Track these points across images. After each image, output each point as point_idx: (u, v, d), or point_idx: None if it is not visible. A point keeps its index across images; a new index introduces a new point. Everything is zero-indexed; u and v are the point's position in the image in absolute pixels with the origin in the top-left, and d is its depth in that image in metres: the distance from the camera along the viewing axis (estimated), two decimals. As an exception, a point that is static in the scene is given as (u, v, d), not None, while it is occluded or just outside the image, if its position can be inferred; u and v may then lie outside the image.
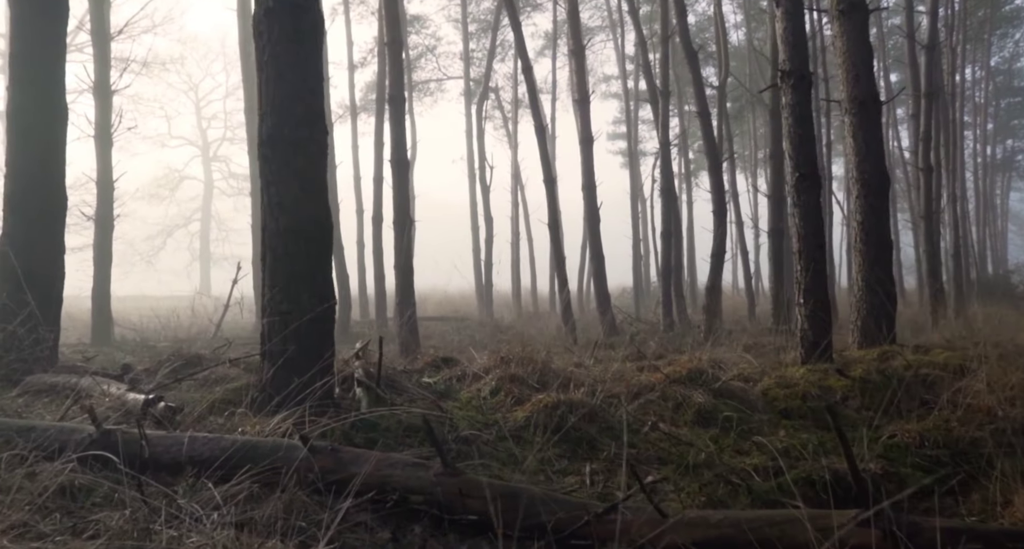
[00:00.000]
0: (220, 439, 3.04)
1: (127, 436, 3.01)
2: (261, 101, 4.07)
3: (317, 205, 4.09)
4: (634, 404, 4.44)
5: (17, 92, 5.48)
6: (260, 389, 4.03)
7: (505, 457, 3.80)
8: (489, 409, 4.44)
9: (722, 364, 5.24)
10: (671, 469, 3.63)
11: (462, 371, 5.22)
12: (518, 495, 2.94)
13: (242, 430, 3.38)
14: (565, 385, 4.59)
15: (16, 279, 5.22)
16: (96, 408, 3.85)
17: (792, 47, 5.20)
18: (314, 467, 2.94)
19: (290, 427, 3.26)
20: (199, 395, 4.60)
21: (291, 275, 4.01)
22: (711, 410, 4.22)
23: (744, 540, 2.59)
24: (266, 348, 4.05)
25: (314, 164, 4.08)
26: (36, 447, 2.82)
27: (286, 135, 3.98)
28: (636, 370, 5.61)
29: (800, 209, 5.18)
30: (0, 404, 4.28)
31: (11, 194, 5.42)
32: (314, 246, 4.07)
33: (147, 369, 5.94)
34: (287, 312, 3.98)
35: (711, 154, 12.22)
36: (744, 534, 2.64)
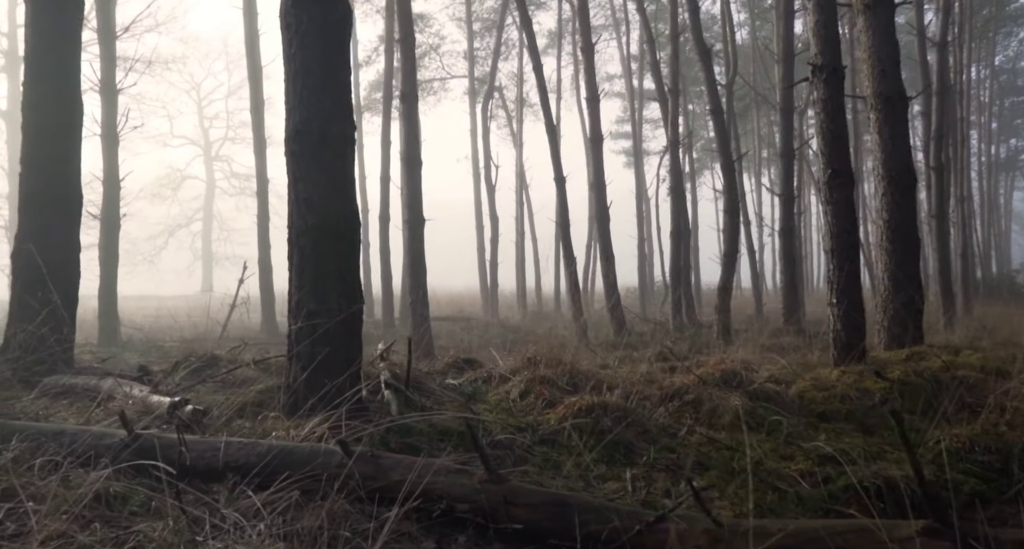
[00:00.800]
0: (255, 444, 2.93)
1: (160, 441, 2.90)
2: (288, 95, 3.95)
3: (345, 202, 3.98)
4: (668, 406, 4.34)
5: (33, 87, 5.37)
6: (288, 392, 3.92)
7: (541, 462, 3.69)
8: (519, 412, 4.34)
9: (751, 365, 5.13)
10: (714, 475, 3.52)
11: (487, 373, 5.11)
12: (565, 503, 2.84)
13: (276, 435, 3.27)
14: (597, 387, 4.49)
15: (33, 278, 5.11)
16: (118, 411, 3.75)
17: (824, 40, 5.08)
18: (355, 474, 2.83)
19: (325, 432, 3.15)
20: (222, 397, 4.49)
21: (319, 275, 3.90)
22: (749, 413, 4.11)
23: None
24: (294, 349, 3.93)
25: (343, 160, 3.97)
26: (69, 453, 2.71)
27: (315, 130, 3.87)
28: (662, 371, 5.51)
29: (832, 206, 5.07)
30: (21, 406, 4.17)
31: (29, 192, 5.31)
32: (343, 244, 3.96)
33: (164, 370, 5.83)
34: (315, 312, 3.87)
35: (724, 152, 12.11)
36: (806, 545, 2.54)
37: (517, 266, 26.15)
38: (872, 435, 4.02)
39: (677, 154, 15.47)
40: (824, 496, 3.20)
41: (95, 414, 3.84)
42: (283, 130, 4.03)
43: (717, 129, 12.30)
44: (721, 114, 12.19)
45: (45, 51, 5.43)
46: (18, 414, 3.98)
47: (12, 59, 27.05)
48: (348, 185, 4.00)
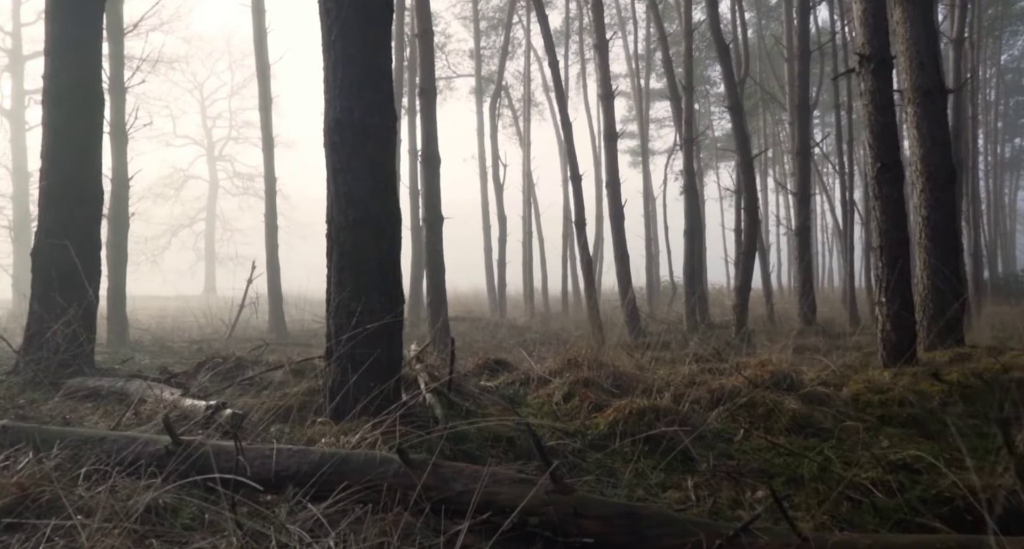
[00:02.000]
0: (308, 452, 2.75)
1: (205, 448, 2.73)
2: (328, 84, 3.78)
3: (388, 196, 3.81)
4: (719, 410, 4.17)
5: (53, 79, 5.19)
6: (326, 395, 3.75)
7: (595, 469, 3.52)
8: (565, 416, 4.17)
9: (796, 367, 4.96)
10: (780, 483, 3.35)
11: (524, 375, 4.94)
12: (637, 515, 2.66)
13: (325, 441, 3.10)
14: (644, 390, 4.31)
15: (52, 278, 4.93)
16: (151, 415, 3.58)
17: (872, 30, 4.90)
18: (415, 484, 2.66)
19: (377, 438, 2.98)
20: (255, 401, 4.32)
21: (361, 273, 3.73)
22: (805, 417, 3.94)
23: (906, 568, 2.32)
24: (334, 351, 3.76)
25: (385, 152, 3.79)
26: (118, 462, 2.54)
27: (356, 121, 3.70)
28: (702, 373, 5.33)
29: (881, 202, 4.90)
30: (48, 409, 4.00)
31: (49, 188, 5.14)
32: (385, 241, 3.79)
33: (186, 372, 5.67)
34: (356, 312, 3.70)
35: (743, 150, 11.94)
36: (904, 561, 2.37)
37: (524, 266, 25.97)
38: (935, 440, 3.85)
39: (691, 152, 15.31)
40: (902, 506, 3.02)
41: (127, 418, 3.66)
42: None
43: (735, 126, 12.12)
44: (740, 111, 12.02)
45: (66, 42, 5.26)
46: (45, 417, 3.81)
47: (16, 58, 26.88)
48: (390, 178, 3.83)
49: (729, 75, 11.90)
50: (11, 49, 27.02)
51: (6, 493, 2.19)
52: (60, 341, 4.70)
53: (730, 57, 12.12)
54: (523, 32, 28.25)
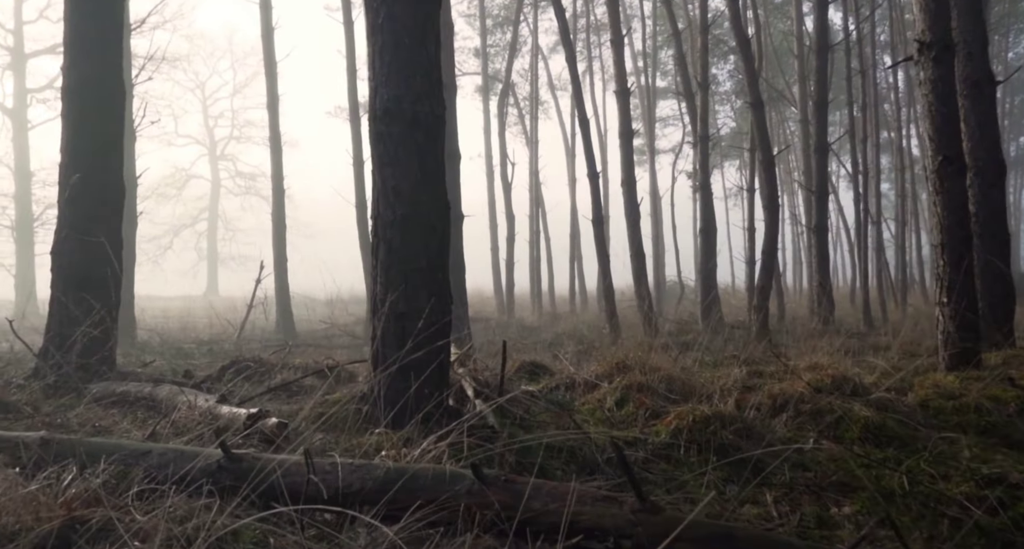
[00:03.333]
0: (372, 467, 2.52)
1: (260, 463, 2.50)
2: (374, 71, 3.55)
3: (437, 190, 3.58)
4: (782, 417, 3.94)
5: (73, 70, 4.96)
6: (374, 403, 3.52)
7: (662, 481, 3.29)
8: (620, 423, 3.94)
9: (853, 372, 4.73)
10: (864, 497, 3.12)
11: (569, 379, 4.71)
12: (733, 536, 2.43)
13: (385, 454, 2.87)
14: (702, 396, 4.09)
15: (74, 277, 4.71)
16: (186, 423, 3.35)
17: (933, 15, 4.67)
18: (490, 503, 2.43)
19: (443, 451, 2.74)
20: (289, 407, 4.09)
21: (409, 271, 3.50)
22: (879, 425, 3.71)
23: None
24: (379, 355, 3.54)
25: (435, 143, 3.57)
26: (168, 479, 2.31)
27: (405, 110, 3.47)
28: (750, 376, 5.11)
29: (943, 197, 4.67)
30: (76, 416, 3.77)
31: (69, 183, 4.90)
32: (434, 238, 3.56)
33: (210, 376, 5.44)
34: (404, 313, 3.48)
35: (764, 147, 11.71)
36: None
37: (531, 266, 25.75)
38: (1020, 450, 3.62)
39: (707, 149, 15.10)
40: (1008, 525, 2.80)
41: (162, 427, 3.43)
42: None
43: (757, 122, 11.90)
44: (762, 107, 11.79)
45: (86, 29, 5.03)
46: (74, 426, 3.58)
47: (18, 56, 26.63)
48: (440, 171, 3.60)
49: (750, 69, 11.68)
50: (13, 47, 26.77)
51: (53, 516, 1.96)
52: (84, 344, 4.47)
53: (751, 50, 11.89)
54: (528, 30, 28.04)
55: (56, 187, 16.24)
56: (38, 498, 2.04)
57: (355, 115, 15.69)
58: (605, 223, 21.97)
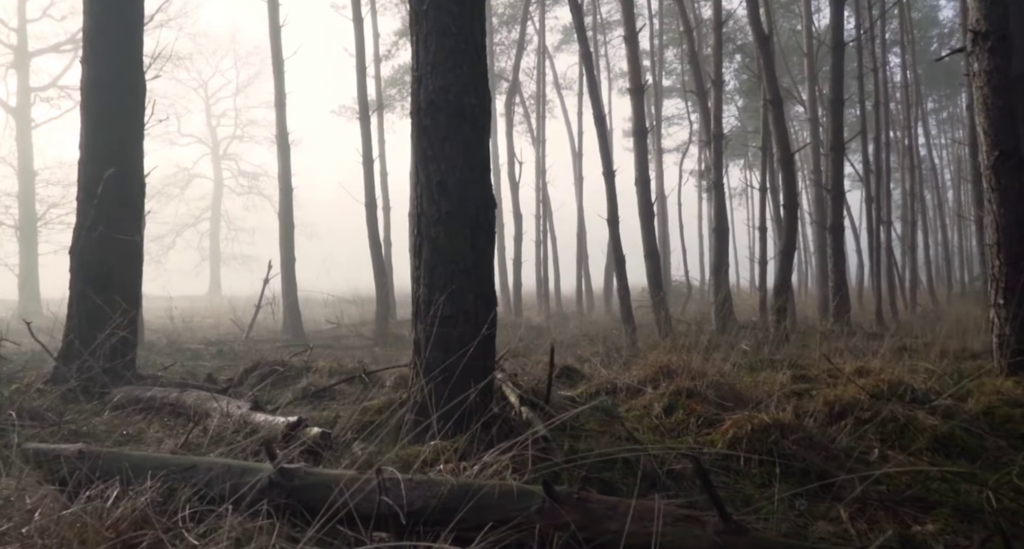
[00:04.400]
0: (434, 484, 2.34)
1: (313, 478, 2.32)
2: (418, 61, 3.37)
3: (484, 185, 3.40)
4: (839, 425, 3.76)
5: (93, 64, 4.78)
6: (415, 409, 3.34)
7: (726, 496, 3.10)
8: (670, 431, 3.76)
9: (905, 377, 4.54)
10: (945, 513, 2.93)
11: (609, 383, 4.53)
12: (824, 557, 2.26)
13: (443, 468, 2.68)
14: (757, 402, 3.91)
15: (94, 277, 4.52)
16: (220, 432, 3.17)
17: (988, 4, 4.48)
18: (564, 522, 2.25)
19: (506, 464, 2.56)
20: (322, 414, 3.91)
21: (455, 272, 3.31)
22: (947, 435, 3.52)
23: None
24: (422, 359, 3.35)
25: (482, 136, 3.39)
26: (216, 496, 2.13)
27: (451, 101, 3.29)
28: (794, 380, 4.92)
29: (999, 194, 4.48)
30: (99, 424, 3.58)
31: (88, 181, 4.72)
32: (481, 236, 3.37)
33: (231, 379, 5.26)
34: (450, 316, 3.29)
35: (782, 145, 11.53)
36: None
37: (538, 266, 25.56)
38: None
39: (720, 148, 14.91)
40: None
41: (195, 436, 3.25)
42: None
43: (776, 120, 11.72)
44: (780, 104, 11.61)
45: (107, 22, 4.84)
46: (100, 434, 3.40)
47: (21, 54, 26.44)
48: (486, 166, 3.42)
49: (769, 66, 11.50)
50: (16, 45, 26.58)
51: (100, 539, 1.79)
52: (105, 347, 4.28)
53: (769, 47, 11.71)
54: (534, 29, 27.84)
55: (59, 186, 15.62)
56: (83, 519, 1.86)
57: (364, 113, 15.49)
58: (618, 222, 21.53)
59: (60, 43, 27.67)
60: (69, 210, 26.68)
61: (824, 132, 21.50)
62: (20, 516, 2.05)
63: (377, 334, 14.43)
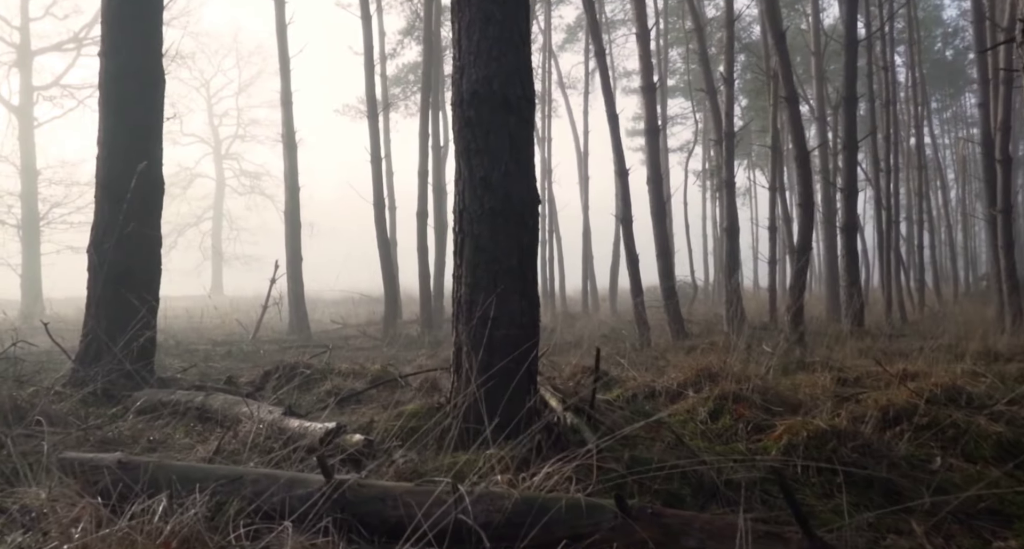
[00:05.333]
0: (497, 497, 2.19)
1: (367, 490, 2.16)
2: (460, 50, 3.22)
3: (529, 181, 3.25)
4: (894, 431, 3.61)
5: (112, 56, 4.62)
6: (458, 415, 3.18)
7: (786, 506, 2.95)
8: (717, 437, 3.60)
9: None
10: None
11: (647, 387, 4.37)
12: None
13: (500, 479, 2.52)
14: (807, 407, 3.75)
15: (113, 276, 4.37)
16: (255, 439, 3.02)
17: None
18: (639, 539, 2.10)
19: (568, 476, 2.40)
20: (353, 419, 3.76)
21: (499, 271, 3.16)
22: (1013, 442, 3.37)
23: None
24: (465, 363, 3.20)
25: (527, 128, 3.23)
26: (264, 509, 1.98)
27: (496, 92, 3.13)
28: (835, 383, 4.77)
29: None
30: (125, 429, 3.43)
31: (107, 178, 4.57)
32: (526, 234, 3.22)
33: (252, 381, 5.11)
34: (494, 318, 3.14)
35: (798, 144, 11.37)
36: None
37: (543, 266, 25.42)
38: None
39: (732, 146, 14.76)
40: None
41: (226, 443, 3.10)
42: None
43: (792, 118, 11.56)
44: (797, 102, 11.45)
45: (127, 12, 4.68)
46: (126, 439, 3.24)
47: (24, 53, 26.27)
48: (531, 159, 3.27)
49: (786, 64, 11.34)
50: (19, 44, 26.41)
51: (151, 562, 1.63)
52: (128, 348, 4.12)
53: (786, 44, 11.55)
54: (538, 28, 27.70)
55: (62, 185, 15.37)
56: (132, 537, 1.71)
57: (373, 111, 15.34)
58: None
59: (63, 42, 27.51)
60: (72, 209, 26.52)
61: (830, 131, 21.39)
62: (58, 531, 1.90)
63: (385, 334, 14.27)
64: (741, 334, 12.09)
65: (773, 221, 18.76)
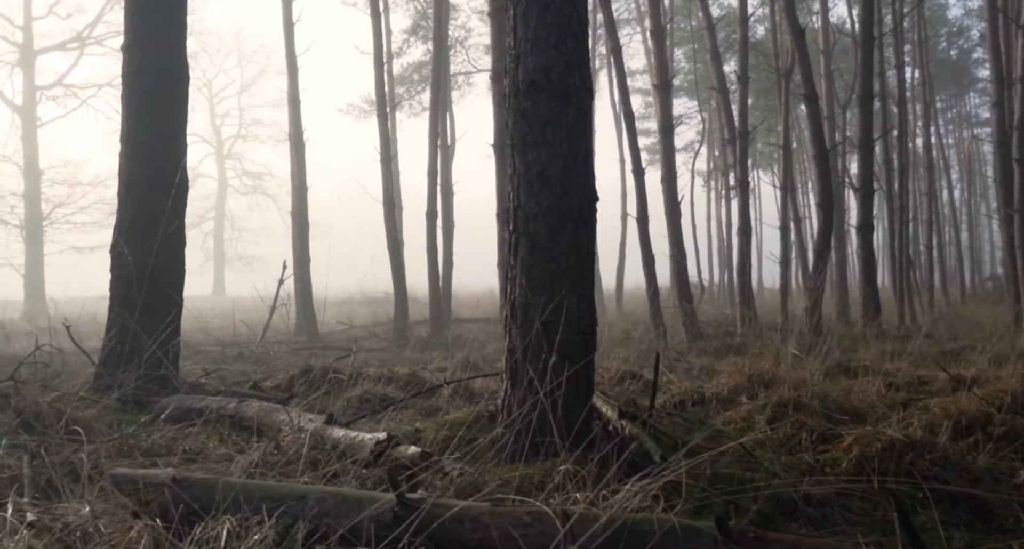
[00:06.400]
0: (581, 518, 2.00)
1: (442, 511, 1.98)
2: (516, 37, 3.04)
3: (588, 176, 3.07)
4: (967, 442, 3.42)
5: (136, 48, 4.44)
6: (516, 424, 3.00)
7: (867, 522, 2.77)
8: (780, 447, 3.42)
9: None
10: None
11: (695, 393, 4.19)
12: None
13: (578, 497, 2.34)
14: (871, 415, 3.57)
15: (136, 277, 4.18)
16: (298, 450, 2.84)
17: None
18: (747, 565, 1.92)
19: (657, 492, 2.22)
20: (396, 427, 3.57)
21: (556, 272, 2.98)
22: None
23: None
24: (519, 370, 3.02)
25: (586, 120, 3.05)
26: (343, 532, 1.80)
27: (554, 82, 2.95)
28: (890, 389, 4.59)
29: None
30: (162, 439, 3.24)
31: (130, 174, 4.38)
32: (584, 232, 3.04)
33: (278, 386, 4.93)
34: (551, 321, 2.95)
35: (817, 142, 11.21)
36: None
37: (551, 266, 25.23)
38: None
39: (746, 145, 14.57)
40: None
41: (269, 454, 2.91)
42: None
43: (811, 117, 11.40)
44: (816, 100, 11.29)
45: (150, 4, 4.49)
46: (161, 449, 3.06)
47: (27, 52, 26.08)
48: (590, 154, 3.09)
49: (805, 61, 11.18)
50: (22, 43, 26.23)
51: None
52: (154, 352, 3.94)
53: (805, 41, 11.39)
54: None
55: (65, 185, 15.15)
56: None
57: (383, 110, 15.15)
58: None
59: (66, 41, 27.32)
60: (75, 209, 26.34)
61: (838, 130, 21.21)
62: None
63: (396, 335, 14.09)
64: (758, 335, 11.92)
65: (785, 221, 18.60)
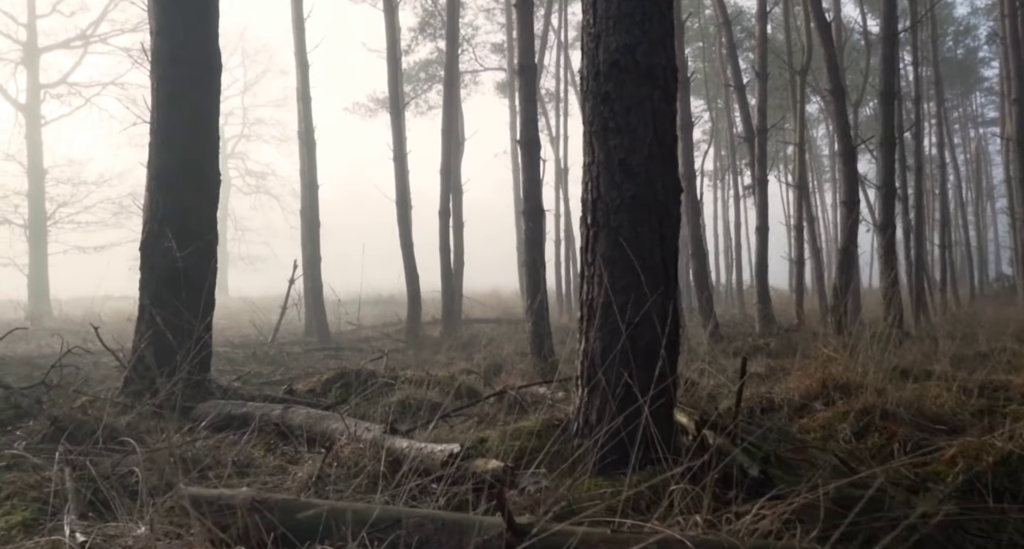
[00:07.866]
0: (714, 545, 1.77)
1: (558, 539, 1.74)
2: (595, 15, 2.80)
3: (673, 166, 2.83)
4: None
5: (166, 36, 4.19)
6: (592, 436, 2.75)
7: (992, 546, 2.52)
8: (871, 459, 3.17)
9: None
10: None
11: (762, 399, 3.95)
12: None
13: (698, 519, 2.10)
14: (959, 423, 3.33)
15: (166, 277, 3.95)
16: (357, 462, 2.60)
17: None
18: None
19: (788, 516, 1.97)
20: (451, 435, 3.33)
21: (641, 269, 2.73)
22: None
23: None
24: (597, 376, 2.78)
25: (671, 105, 2.81)
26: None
27: (639, 62, 2.71)
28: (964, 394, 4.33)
29: None
30: (210, 451, 2.99)
31: (161, 168, 4.14)
32: (669, 227, 2.80)
33: (311, 389, 4.69)
34: (636, 323, 2.71)
35: (844, 139, 10.98)
36: None
37: (558, 266, 25.04)
38: None
39: (764, 143, 14.36)
40: None
41: (328, 466, 2.67)
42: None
43: (838, 113, 11.16)
44: (842, 96, 11.06)
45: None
46: (207, 460, 2.82)
47: (31, 50, 25.84)
48: (675, 142, 2.85)
49: (831, 56, 10.94)
50: (26, 41, 25.98)
51: None
52: (190, 357, 3.70)
53: (831, 36, 11.16)
54: (552, 28, 27.30)
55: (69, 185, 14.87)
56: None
57: (396, 107, 14.91)
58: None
59: (70, 39, 27.07)
60: (79, 209, 26.08)
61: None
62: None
63: (409, 336, 13.85)
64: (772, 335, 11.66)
65: (800, 220, 18.35)
